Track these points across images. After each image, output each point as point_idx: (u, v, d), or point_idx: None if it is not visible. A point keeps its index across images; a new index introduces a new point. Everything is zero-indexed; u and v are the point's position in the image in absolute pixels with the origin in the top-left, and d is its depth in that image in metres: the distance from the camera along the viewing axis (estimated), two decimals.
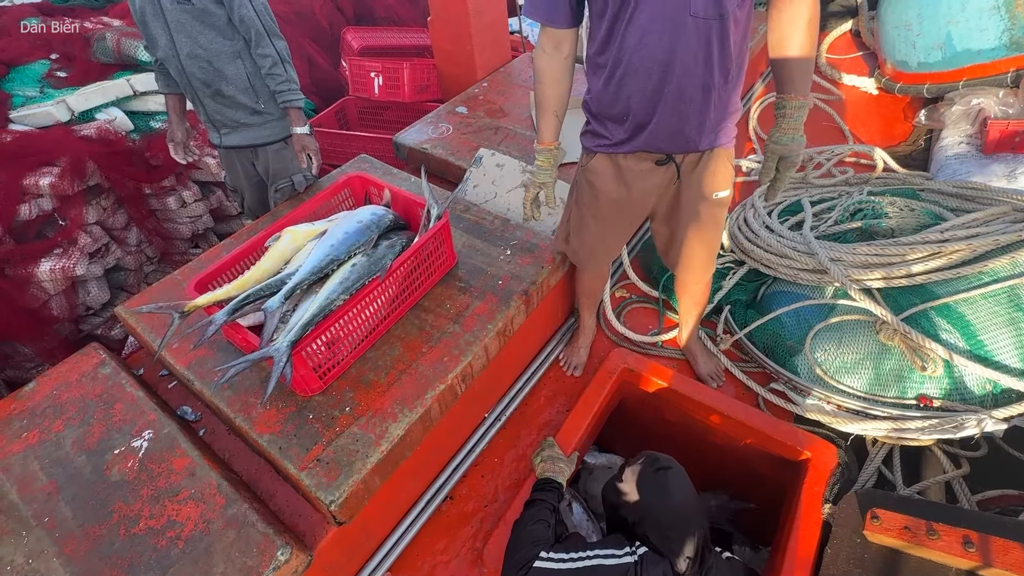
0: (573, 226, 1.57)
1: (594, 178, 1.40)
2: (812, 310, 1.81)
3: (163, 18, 1.67)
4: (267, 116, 1.91)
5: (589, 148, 1.40)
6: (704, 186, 1.34)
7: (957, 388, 1.49)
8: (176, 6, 1.65)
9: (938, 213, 1.86)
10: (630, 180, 1.36)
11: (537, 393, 1.87)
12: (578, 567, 1.18)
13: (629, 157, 1.32)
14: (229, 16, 1.71)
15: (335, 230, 1.46)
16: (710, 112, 1.21)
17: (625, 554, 1.18)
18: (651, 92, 1.17)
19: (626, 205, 1.42)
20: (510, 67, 3.04)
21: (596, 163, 1.39)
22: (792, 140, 1.21)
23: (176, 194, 2.65)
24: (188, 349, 1.49)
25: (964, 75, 2.57)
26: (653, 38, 1.10)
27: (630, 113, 1.23)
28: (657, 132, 1.24)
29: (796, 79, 1.16)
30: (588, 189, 1.44)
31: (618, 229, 1.52)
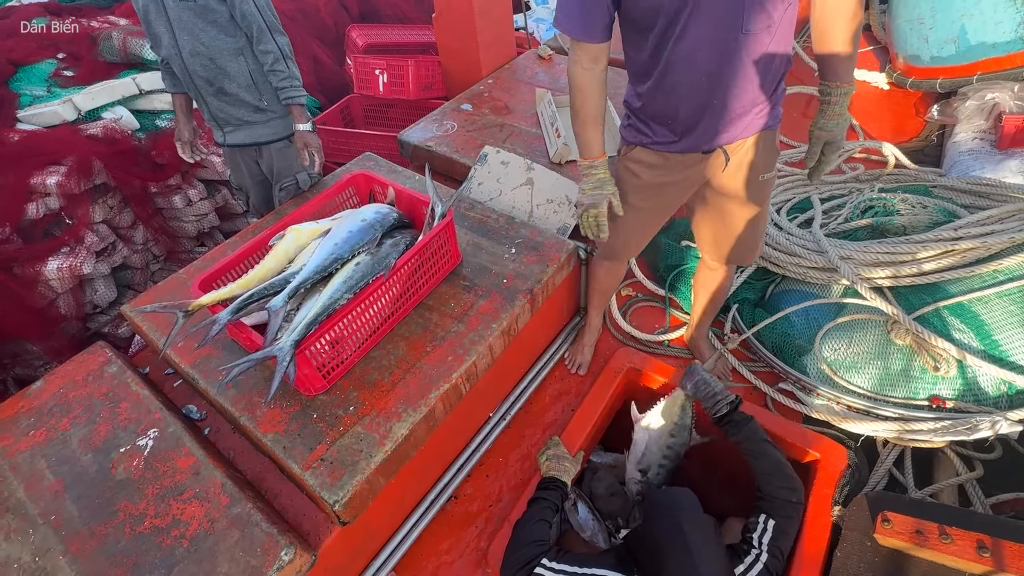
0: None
1: (636, 167, 1.38)
2: (821, 309, 1.78)
3: (165, 15, 1.66)
4: (270, 114, 1.90)
5: (632, 142, 1.37)
6: (751, 169, 1.32)
7: (971, 389, 1.47)
8: (178, 3, 1.64)
9: (951, 210, 1.82)
10: (675, 168, 1.34)
11: (542, 392, 1.86)
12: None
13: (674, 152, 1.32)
14: (231, 13, 1.71)
15: (339, 229, 1.45)
16: (761, 107, 1.22)
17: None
18: (699, 102, 1.18)
19: (667, 188, 1.39)
20: (515, 64, 3.02)
21: (639, 153, 1.36)
22: (837, 125, 1.21)
23: (182, 193, 2.65)
24: (193, 348, 1.49)
25: (978, 69, 2.52)
26: (702, 55, 1.10)
27: (677, 119, 1.23)
28: (705, 134, 1.24)
29: (841, 68, 1.15)
30: (630, 177, 1.40)
31: (656, 214, 1.49)
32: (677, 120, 1.24)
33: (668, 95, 1.20)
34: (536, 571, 1.20)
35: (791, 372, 1.72)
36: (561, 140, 2.21)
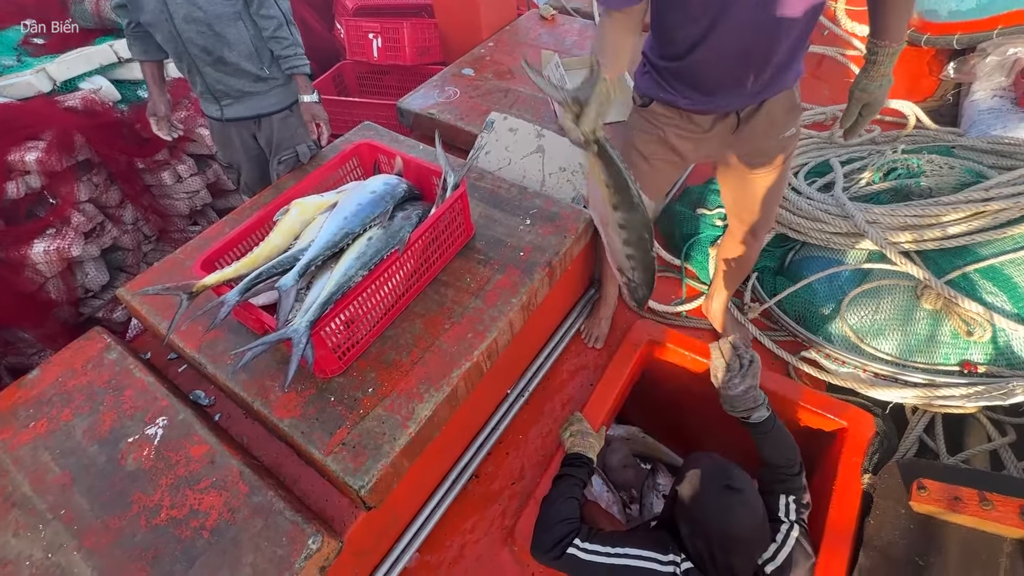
0: None
1: (653, 118, 1.31)
2: (845, 275, 1.73)
3: None
4: (272, 82, 1.77)
5: (648, 94, 1.29)
6: (770, 128, 1.25)
7: (1004, 353, 1.44)
8: None
9: (979, 171, 1.76)
10: (692, 125, 1.28)
11: (560, 368, 1.82)
12: (614, 564, 1.14)
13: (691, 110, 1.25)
14: None
15: (347, 202, 1.37)
16: (786, 66, 1.15)
17: (668, 563, 1.11)
18: (727, 73, 1.13)
19: (682, 144, 1.33)
20: (516, 25, 2.87)
21: (657, 107, 1.30)
22: (879, 88, 1.14)
23: (171, 168, 2.52)
24: (198, 332, 1.42)
25: (999, 23, 2.42)
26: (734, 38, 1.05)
27: (698, 85, 1.18)
28: (725, 98, 1.19)
29: (892, 26, 1.07)
30: (646, 127, 1.33)
31: (666, 169, 1.42)
32: (698, 86, 1.17)
33: (695, 67, 1.13)
34: (569, 551, 1.18)
35: (815, 340, 1.68)
36: None
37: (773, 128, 1.25)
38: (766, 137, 1.27)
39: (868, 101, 1.17)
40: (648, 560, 1.12)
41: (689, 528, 1.13)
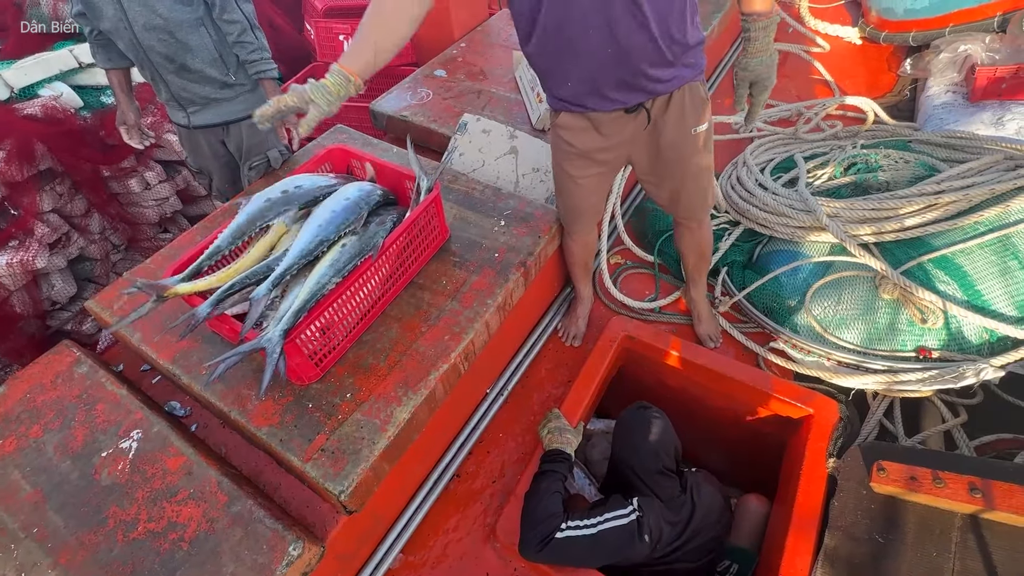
0: (556, 186, 1.53)
1: (566, 133, 1.35)
2: (810, 268, 1.80)
3: None
4: (239, 88, 1.74)
5: (552, 107, 1.35)
6: (680, 124, 1.28)
7: (955, 339, 1.52)
8: None
9: (932, 164, 1.85)
10: (602, 129, 1.30)
11: (538, 365, 1.85)
12: (595, 532, 1.27)
13: (596, 111, 1.26)
14: None
15: (321, 210, 1.37)
16: (664, 57, 1.13)
17: (629, 512, 1.29)
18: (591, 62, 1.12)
19: (602, 153, 1.36)
20: (488, 26, 2.88)
21: (564, 118, 1.33)
22: (761, 63, 1.13)
23: (138, 175, 2.46)
24: (172, 342, 1.40)
25: (950, 21, 2.53)
26: (576, 11, 1.04)
27: (577, 80, 1.18)
28: (606, 89, 1.18)
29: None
30: (563, 145, 1.38)
31: (597, 182, 1.47)
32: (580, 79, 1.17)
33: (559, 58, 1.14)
34: (556, 537, 1.22)
35: (782, 331, 1.75)
36: (543, 105, 2.13)
37: (684, 122, 1.27)
38: (678, 132, 1.28)
39: (753, 79, 1.17)
40: (615, 519, 1.27)
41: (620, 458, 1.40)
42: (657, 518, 1.30)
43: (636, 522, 1.28)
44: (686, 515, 1.36)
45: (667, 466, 1.40)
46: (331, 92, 1.12)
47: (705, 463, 2.10)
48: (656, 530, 1.29)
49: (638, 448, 1.41)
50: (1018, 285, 1.48)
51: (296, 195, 1.39)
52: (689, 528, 1.35)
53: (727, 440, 1.99)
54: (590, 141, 1.33)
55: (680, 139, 1.30)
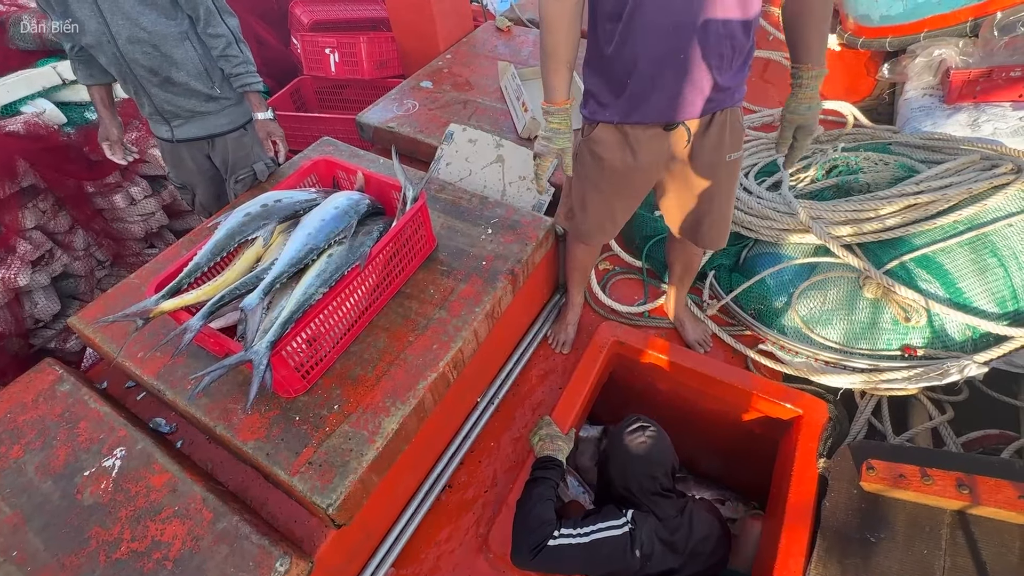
0: (576, 200, 1.48)
1: (598, 148, 1.31)
2: (796, 269, 1.82)
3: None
4: (224, 102, 1.73)
5: (590, 118, 1.31)
6: (718, 149, 1.27)
7: (939, 336, 1.53)
8: None
9: (910, 166, 1.88)
10: (637, 147, 1.28)
11: (528, 373, 1.84)
12: (587, 541, 1.25)
13: (636, 125, 1.25)
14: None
15: (310, 219, 1.37)
16: (724, 76, 1.14)
17: (622, 524, 1.28)
18: (663, 55, 1.10)
19: (634, 174, 1.34)
20: (473, 37, 2.91)
21: (599, 132, 1.30)
22: (809, 109, 1.18)
23: (123, 191, 2.44)
24: (157, 358, 1.39)
25: (925, 27, 2.59)
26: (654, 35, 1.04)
27: (639, 78, 1.15)
28: (666, 99, 1.17)
29: (814, 49, 1.13)
30: (592, 160, 1.35)
31: (626, 200, 1.44)
32: (637, 75, 1.15)
33: (628, 46, 1.12)
34: (548, 544, 1.21)
35: (769, 333, 1.76)
36: (529, 114, 2.15)
37: (722, 147, 1.27)
38: (716, 156, 1.28)
39: (800, 124, 1.21)
40: (609, 529, 1.26)
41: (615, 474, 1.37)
42: (650, 534, 1.28)
43: (629, 535, 1.26)
44: (682, 537, 1.32)
45: (664, 486, 1.37)
46: (563, 131, 1.23)
47: (697, 466, 2.10)
48: (648, 545, 1.26)
49: (634, 469, 1.38)
50: (997, 282, 1.50)
51: (276, 209, 1.39)
52: (685, 551, 1.31)
53: (719, 442, 1.99)
54: (622, 159, 1.30)
55: (716, 164, 1.29)
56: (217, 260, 1.33)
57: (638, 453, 1.38)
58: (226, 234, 1.35)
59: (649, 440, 1.39)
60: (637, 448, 1.38)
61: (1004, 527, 1.15)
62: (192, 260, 1.32)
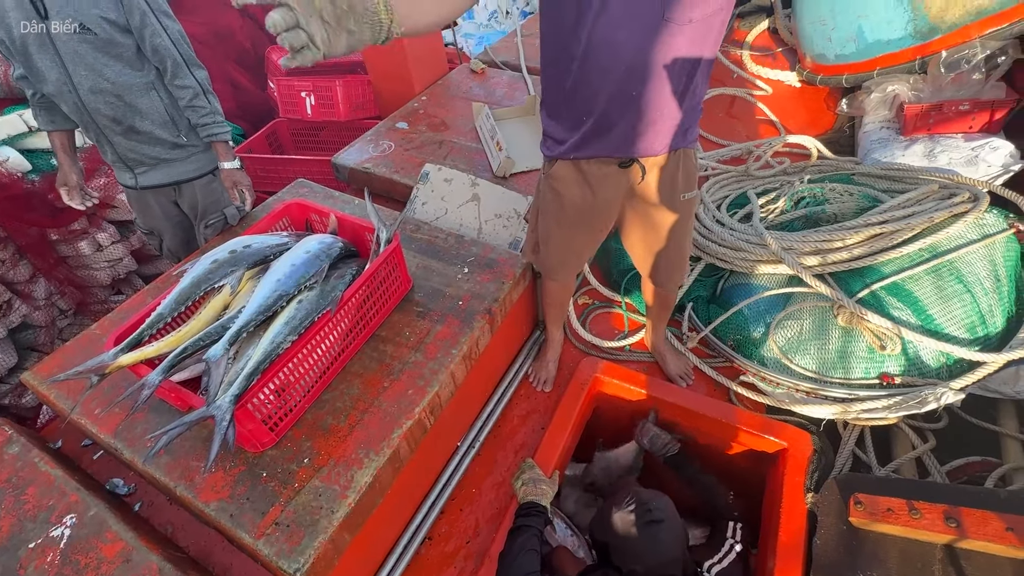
0: (541, 235, 1.51)
1: (558, 185, 1.34)
2: (771, 299, 1.83)
3: (53, 49, 1.43)
4: (191, 149, 1.70)
5: (549, 156, 1.34)
6: (672, 188, 1.31)
7: (914, 363, 1.54)
8: (73, 36, 1.41)
9: (874, 196, 1.94)
10: (595, 184, 1.31)
11: (509, 414, 1.80)
12: None
13: (592, 161, 1.28)
14: (139, 45, 1.51)
15: (280, 264, 1.33)
16: (676, 116, 1.18)
17: None
18: (615, 93, 1.13)
19: (592, 211, 1.37)
20: (448, 80, 2.97)
21: (558, 169, 1.33)
22: None
23: (89, 238, 2.38)
24: (115, 415, 1.31)
25: (877, 64, 2.73)
26: (623, 35, 1.05)
27: (591, 115, 1.18)
28: (620, 136, 1.20)
29: None
30: (553, 197, 1.38)
31: (587, 236, 1.47)
32: (591, 116, 1.18)
33: (581, 85, 1.15)
34: None
35: (750, 364, 1.75)
36: (503, 153, 2.18)
37: (676, 187, 1.31)
38: (669, 195, 1.32)
39: None
40: None
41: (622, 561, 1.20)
42: None
43: None
44: None
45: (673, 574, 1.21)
46: None
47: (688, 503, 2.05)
48: None
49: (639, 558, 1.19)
50: (965, 308, 1.53)
51: (245, 255, 1.36)
52: None
53: None
54: (580, 195, 1.33)
55: (671, 203, 1.32)
56: (182, 310, 1.28)
57: (644, 544, 1.19)
58: (191, 282, 1.30)
59: (658, 530, 1.20)
60: (644, 537, 1.20)
61: (996, 561, 1.13)
62: (154, 311, 1.27)
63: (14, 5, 1.37)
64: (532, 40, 3.32)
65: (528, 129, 2.47)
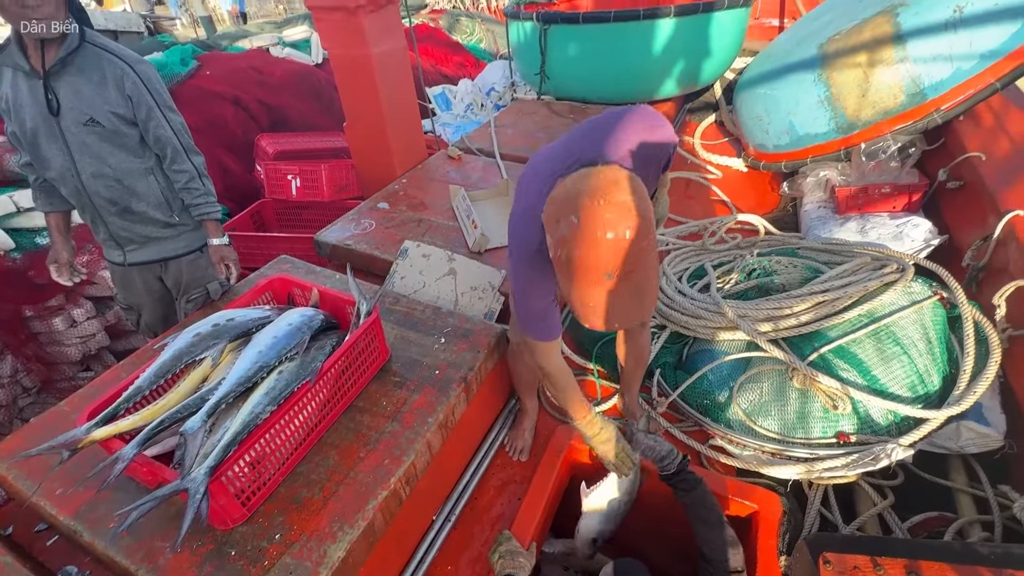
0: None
1: None
2: (732, 364, 1.94)
3: (62, 139, 1.54)
4: (181, 228, 1.80)
5: None
6: None
7: (866, 422, 1.64)
8: (82, 128, 1.53)
9: (816, 267, 2.14)
10: None
11: (485, 485, 1.79)
12: None
13: None
14: (142, 135, 1.64)
15: (262, 336, 1.38)
16: None
17: None
18: None
19: None
20: (427, 164, 3.21)
21: None
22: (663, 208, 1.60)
23: (64, 314, 2.37)
24: (76, 495, 1.27)
25: (809, 153, 3.10)
26: None
27: None
28: None
29: None
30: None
31: None
32: None
33: None
34: None
35: (717, 428, 1.82)
36: (479, 231, 2.34)
37: None
38: None
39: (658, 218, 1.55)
40: None
41: None
42: None
43: None
44: None
45: None
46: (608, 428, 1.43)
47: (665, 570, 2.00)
48: None
49: None
50: (904, 368, 1.66)
51: (227, 328, 1.41)
52: None
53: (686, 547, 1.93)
54: None
55: None
56: (160, 383, 1.30)
57: None
58: (173, 356, 1.34)
59: None
60: None
61: None
62: (133, 384, 1.29)
63: (30, 101, 1.49)
64: (504, 130, 3.65)
65: (501, 209, 2.66)
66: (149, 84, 1.58)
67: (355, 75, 2.83)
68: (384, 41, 2.76)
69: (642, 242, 0.93)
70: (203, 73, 3.85)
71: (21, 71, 1.46)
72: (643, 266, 0.96)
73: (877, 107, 2.73)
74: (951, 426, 1.60)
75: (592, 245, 0.92)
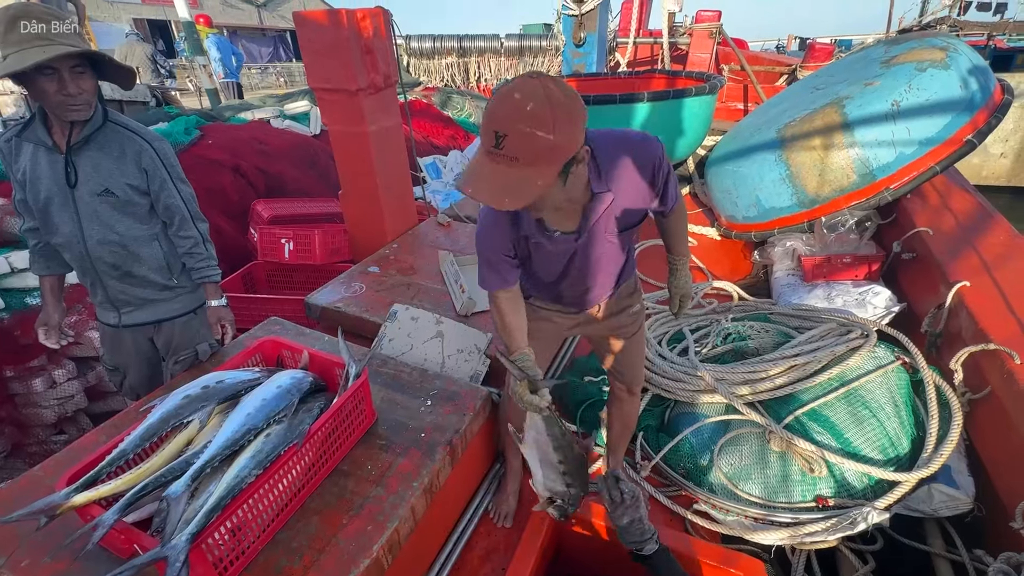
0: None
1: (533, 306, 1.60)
2: (713, 427, 1.99)
3: (73, 207, 1.60)
4: (179, 290, 1.84)
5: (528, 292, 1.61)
6: (620, 308, 1.59)
7: (842, 485, 1.68)
8: (95, 198, 1.59)
9: (787, 332, 2.25)
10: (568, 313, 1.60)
11: (470, 553, 1.75)
12: None
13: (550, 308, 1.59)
14: (152, 204, 1.72)
15: (251, 398, 1.41)
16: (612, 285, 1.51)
17: None
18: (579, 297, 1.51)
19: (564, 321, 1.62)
20: (417, 230, 3.35)
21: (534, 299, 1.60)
22: (687, 283, 1.64)
23: (45, 375, 2.34)
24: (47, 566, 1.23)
25: (776, 225, 3.32)
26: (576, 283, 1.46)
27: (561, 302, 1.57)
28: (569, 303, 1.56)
29: (678, 246, 1.59)
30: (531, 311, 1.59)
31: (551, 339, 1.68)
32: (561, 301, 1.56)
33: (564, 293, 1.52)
34: None
35: (701, 492, 1.83)
36: (466, 295, 2.42)
37: (623, 306, 1.61)
38: (621, 314, 1.61)
39: (682, 294, 1.64)
40: None
41: None
42: None
43: None
44: None
45: None
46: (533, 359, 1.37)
47: None
48: None
49: None
50: (875, 431, 1.73)
51: (216, 390, 1.43)
52: None
53: None
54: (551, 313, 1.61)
55: (621, 318, 1.61)
56: (146, 446, 1.30)
57: None
58: (160, 418, 1.34)
59: None
60: None
61: None
62: (117, 447, 1.29)
63: (49, 174, 1.58)
64: None
65: None
66: (165, 159, 1.69)
67: (352, 149, 3.02)
68: (381, 119, 2.98)
69: (538, 129, 0.96)
70: (205, 142, 4.04)
71: (43, 146, 1.56)
72: (526, 152, 0.98)
73: (833, 185, 2.99)
74: (923, 489, 1.65)
75: (498, 97, 0.99)
